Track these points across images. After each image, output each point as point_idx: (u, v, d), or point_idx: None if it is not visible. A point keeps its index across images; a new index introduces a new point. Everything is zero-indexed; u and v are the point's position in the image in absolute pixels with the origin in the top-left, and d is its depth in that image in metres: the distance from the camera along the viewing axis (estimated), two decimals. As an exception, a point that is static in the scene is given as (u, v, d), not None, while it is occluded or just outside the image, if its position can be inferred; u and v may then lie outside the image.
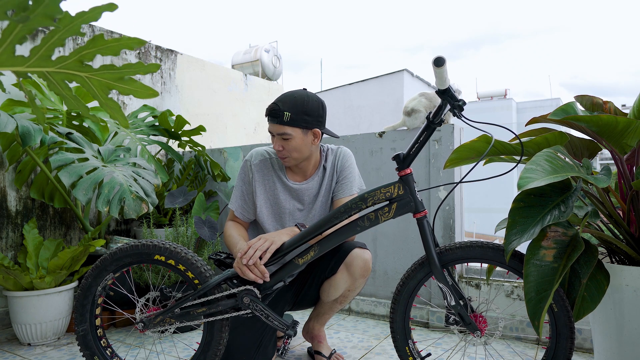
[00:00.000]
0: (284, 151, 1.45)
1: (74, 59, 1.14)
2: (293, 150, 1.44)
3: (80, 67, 1.15)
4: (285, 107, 1.40)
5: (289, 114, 1.40)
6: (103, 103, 1.24)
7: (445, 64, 1.08)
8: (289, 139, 1.43)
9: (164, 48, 3.21)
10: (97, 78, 1.19)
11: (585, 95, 1.41)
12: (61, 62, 1.14)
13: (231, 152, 2.87)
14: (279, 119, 1.40)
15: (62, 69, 1.15)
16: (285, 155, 1.46)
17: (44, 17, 0.99)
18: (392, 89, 15.27)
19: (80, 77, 1.18)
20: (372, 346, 1.88)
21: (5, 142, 2.08)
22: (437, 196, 2.11)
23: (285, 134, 1.41)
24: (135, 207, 1.88)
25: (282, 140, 1.43)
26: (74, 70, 1.16)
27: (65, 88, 1.20)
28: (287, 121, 1.40)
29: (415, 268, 1.31)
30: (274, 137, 1.45)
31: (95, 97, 1.23)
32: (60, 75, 1.17)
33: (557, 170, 1.09)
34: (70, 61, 1.14)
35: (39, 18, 0.99)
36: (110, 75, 1.19)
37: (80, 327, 1.38)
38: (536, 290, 1.10)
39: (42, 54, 1.10)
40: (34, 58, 1.11)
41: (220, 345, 1.33)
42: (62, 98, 1.24)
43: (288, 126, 1.41)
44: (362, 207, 1.28)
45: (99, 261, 1.37)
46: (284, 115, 1.40)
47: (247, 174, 1.56)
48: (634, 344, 1.17)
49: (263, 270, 1.31)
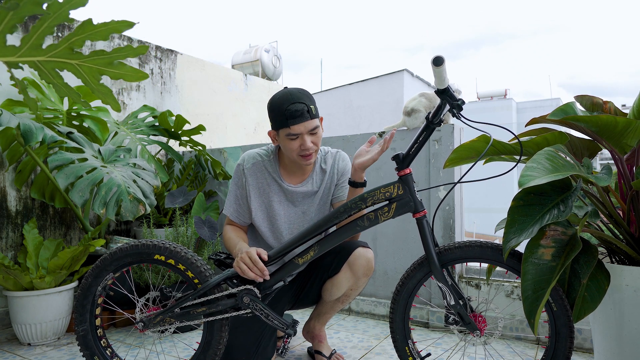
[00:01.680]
0: (313, 147, 1.39)
1: (64, 46, 1.13)
2: (318, 143, 1.42)
3: (71, 55, 1.15)
4: (307, 101, 1.37)
5: (313, 107, 1.38)
6: (94, 89, 1.24)
7: (444, 63, 1.08)
8: (317, 132, 1.40)
9: (164, 48, 3.21)
10: (87, 65, 1.19)
11: (585, 95, 1.40)
12: (52, 50, 1.13)
13: (231, 152, 2.87)
14: (310, 115, 1.36)
15: (53, 57, 1.15)
16: (313, 151, 1.41)
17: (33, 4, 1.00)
18: (392, 89, 15.27)
19: (71, 65, 1.18)
20: (372, 346, 1.88)
21: (5, 142, 2.08)
22: (437, 196, 2.11)
23: (316, 128, 1.39)
24: (132, 209, 1.87)
25: (312, 136, 1.39)
26: (64, 58, 1.15)
27: (56, 76, 1.20)
28: (314, 114, 1.38)
29: (414, 268, 1.31)
30: (300, 137, 1.38)
31: (86, 83, 1.23)
32: (51, 64, 1.16)
33: (557, 169, 1.09)
34: (61, 49, 1.14)
35: (28, 5, 0.99)
36: (101, 60, 1.18)
37: (80, 327, 1.38)
38: (533, 289, 1.10)
39: (32, 43, 1.10)
40: (24, 47, 1.10)
41: (220, 344, 1.33)
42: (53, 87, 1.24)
43: (316, 119, 1.39)
44: (361, 207, 1.28)
45: (99, 261, 1.37)
46: (311, 110, 1.37)
47: (240, 178, 1.54)
48: (634, 344, 1.17)
49: (262, 268, 1.30)
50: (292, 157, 1.43)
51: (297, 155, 1.41)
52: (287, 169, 1.55)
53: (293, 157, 1.43)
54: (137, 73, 1.24)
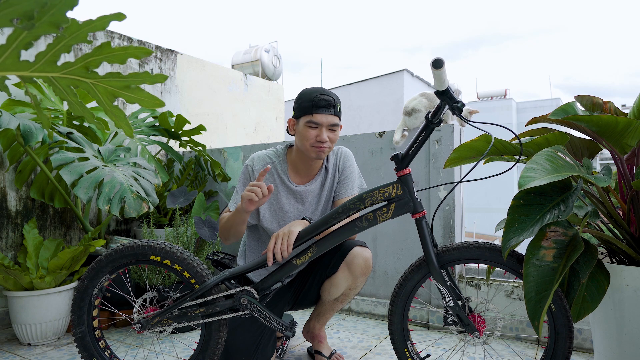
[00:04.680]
0: (327, 142, 1.45)
1: (80, 65, 1.13)
2: (334, 142, 1.47)
3: (86, 74, 1.15)
4: (335, 99, 1.45)
5: (339, 106, 1.46)
6: (108, 110, 1.23)
7: (444, 65, 1.08)
8: (336, 130, 1.47)
9: (164, 48, 3.21)
10: (102, 85, 1.18)
11: (585, 95, 1.40)
12: (67, 67, 1.13)
13: (231, 152, 2.87)
14: (334, 110, 1.43)
15: (68, 74, 1.14)
16: (327, 146, 1.46)
17: (49, 25, 0.99)
18: (392, 89, 15.27)
19: (85, 84, 1.17)
20: (372, 346, 1.88)
21: (5, 142, 2.08)
22: (437, 196, 2.11)
23: (335, 125, 1.45)
24: (135, 206, 1.89)
25: (330, 131, 1.45)
26: (79, 76, 1.15)
27: (71, 94, 1.19)
28: (339, 112, 1.45)
29: (412, 270, 1.30)
30: (318, 128, 1.43)
31: (100, 104, 1.22)
32: (66, 80, 1.16)
33: (557, 169, 1.09)
34: (76, 67, 1.13)
35: (44, 26, 0.98)
36: (116, 83, 1.18)
37: (78, 329, 1.37)
38: (536, 290, 1.09)
39: (47, 60, 1.09)
40: (39, 63, 1.10)
41: (218, 344, 1.32)
42: (68, 104, 1.23)
43: (338, 117, 1.46)
44: (360, 208, 1.28)
45: (95, 263, 1.36)
46: (337, 107, 1.44)
47: (249, 178, 1.54)
48: (634, 344, 1.16)
49: (290, 244, 1.28)
50: (305, 147, 1.46)
51: (310, 145, 1.44)
52: (295, 170, 1.57)
53: (306, 147, 1.46)
54: (153, 100, 1.22)
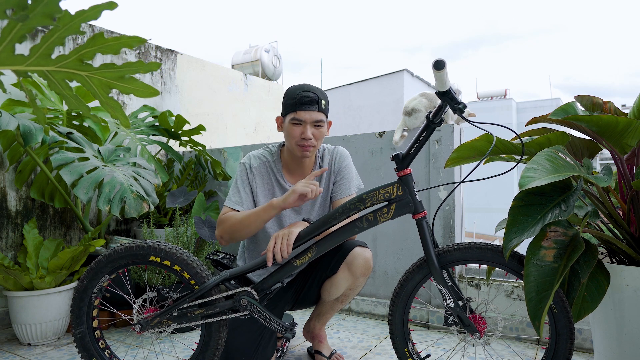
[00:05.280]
0: (312, 140, 1.43)
1: (74, 57, 1.13)
2: (319, 139, 1.46)
3: (81, 66, 1.15)
4: (319, 94, 1.43)
5: (324, 102, 1.43)
6: (103, 102, 1.23)
7: (446, 67, 1.08)
8: (321, 126, 1.44)
9: (164, 48, 3.21)
10: (97, 77, 1.18)
11: (585, 95, 1.40)
12: (61, 60, 1.13)
13: (231, 152, 2.86)
14: (318, 106, 1.41)
15: (62, 67, 1.14)
16: (312, 144, 1.44)
17: (43, 16, 0.99)
18: (392, 89, 15.27)
19: (80, 76, 1.17)
20: (372, 346, 1.88)
21: (5, 142, 2.08)
22: (437, 196, 2.11)
23: (320, 122, 1.43)
24: (136, 206, 1.89)
25: (315, 128, 1.43)
26: (74, 69, 1.15)
27: (66, 87, 1.20)
28: (323, 108, 1.43)
29: (413, 270, 1.30)
30: (302, 125, 1.42)
31: (95, 96, 1.22)
32: (61, 74, 1.16)
33: (558, 169, 1.09)
34: (70, 60, 1.13)
35: (38, 17, 0.99)
36: (111, 74, 1.18)
37: (78, 329, 1.37)
38: (537, 291, 1.09)
39: (41, 53, 1.09)
40: (33, 57, 1.10)
41: (218, 345, 1.32)
42: (62, 97, 1.23)
43: (323, 113, 1.43)
44: (360, 208, 1.28)
45: (94, 263, 1.36)
46: (321, 103, 1.42)
47: (246, 175, 1.54)
48: (634, 344, 1.16)
49: (290, 244, 1.27)
50: (291, 145, 1.46)
51: (295, 144, 1.44)
52: (289, 169, 1.56)
53: (292, 146, 1.46)
54: (148, 89, 1.23)
